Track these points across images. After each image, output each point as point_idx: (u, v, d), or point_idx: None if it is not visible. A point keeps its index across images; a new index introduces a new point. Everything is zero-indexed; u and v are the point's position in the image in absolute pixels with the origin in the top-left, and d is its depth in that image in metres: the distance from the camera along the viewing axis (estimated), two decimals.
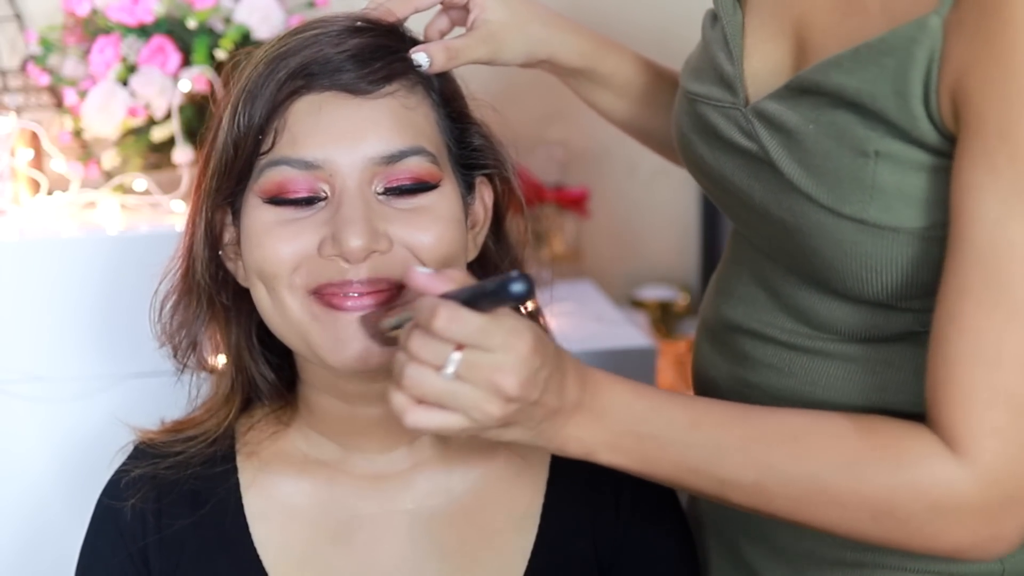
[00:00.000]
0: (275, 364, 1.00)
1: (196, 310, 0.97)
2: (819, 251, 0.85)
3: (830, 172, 0.83)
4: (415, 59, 0.94)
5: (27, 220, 1.42)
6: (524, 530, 0.97)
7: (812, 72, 0.84)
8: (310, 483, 0.98)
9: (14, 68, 1.56)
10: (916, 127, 0.79)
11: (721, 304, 1.00)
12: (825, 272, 0.86)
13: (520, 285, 0.72)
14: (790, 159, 0.85)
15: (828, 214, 0.83)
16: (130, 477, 0.98)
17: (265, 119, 0.90)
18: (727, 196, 0.94)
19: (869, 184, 0.81)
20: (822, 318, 0.90)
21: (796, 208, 0.85)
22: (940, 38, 0.77)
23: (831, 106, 0.83)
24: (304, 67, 0.90)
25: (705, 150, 0.95)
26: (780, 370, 0.93)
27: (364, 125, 0.90)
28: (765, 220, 0.90)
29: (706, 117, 0.94)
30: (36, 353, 1.34)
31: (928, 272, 0.81)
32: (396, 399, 0.77)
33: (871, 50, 0.80)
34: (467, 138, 0.97)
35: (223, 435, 1.00)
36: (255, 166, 0.91)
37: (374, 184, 0.90)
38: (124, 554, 0.97)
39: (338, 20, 0.93)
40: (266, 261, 0.89)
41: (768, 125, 0.87)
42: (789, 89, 0.86)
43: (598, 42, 1.10)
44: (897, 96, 0.79)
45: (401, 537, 0.96)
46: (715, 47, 0.95)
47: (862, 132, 0.81)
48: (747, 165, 0.90)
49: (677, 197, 1.99)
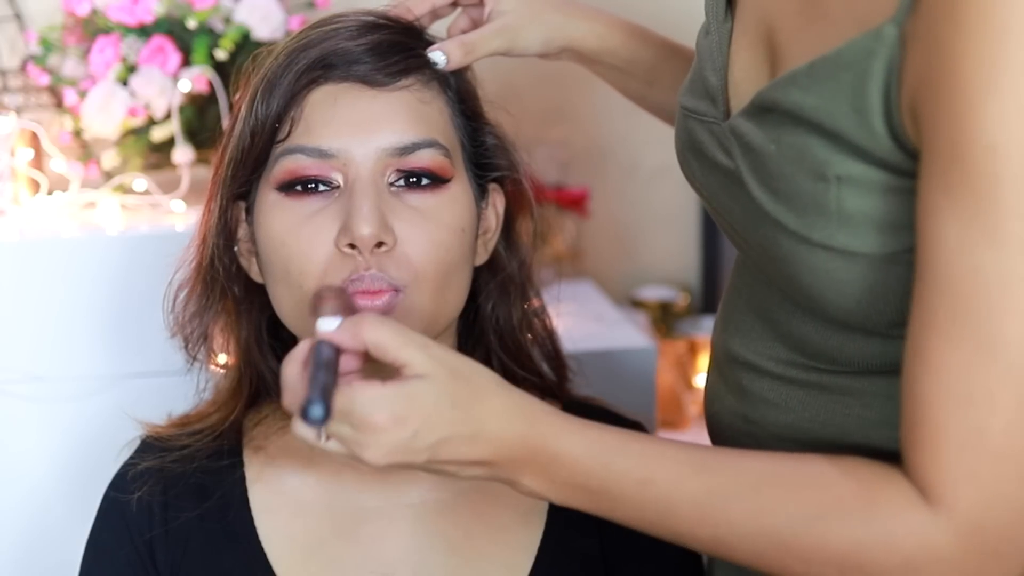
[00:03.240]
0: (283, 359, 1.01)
1: (208, 301, 0.98)
2: (796, 278, 0.80)
3: (794, 196, 0.77)
4: (432, 58, 0.95)
5: (27, 220, 1.41)
6: (530, 525, 0.97)
7: (771, 89, 0.79)
8: (316, 477, 0.98)
9: (14, 68, 1.56)
10: (878, 146, 0.73)
11: (721, 333, 0.96)
12: (807, 301, 0.81)
13: (315, 410, 0.71)
14: (757, 182, 0.80)
15: (798, 240, 0.77)
16: (137, 470, 0.99)
17: (282, 108, 0.92)
18: (719, 217, 0.90)
19: (834, 210, 0.75)
20: (816, 347, 0.84)
21: (769, 233, 0.80)
22: (898, 48, 0.71)
23: (792, 125, 0.77)
24: (322, 58, 0.92)
25: (696, 168, 0.90)
26: (777, 405, 0.87)
27: (379, 116, 0.91)
28: (749, 245, 0.86)
29: (694, 132, 0.90)
30: (36, 353, 1.33)
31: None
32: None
33: (827, 64, 0.75)
34: (480, 137, 0.98)
35: (230, 429, 1.00)
36: (271, 155, 0.92)
37: (387, 175, 0.91)
38: (130, 546, 0.97)
39: (357, 16, 0.95)
40: (292, 262, 0.90)
41: (740, 143, 0.82)
42: (754, 106, 0.81)
43: (618, 26, 1.08)
44: (856, 113, 0.73)
45: (406, 531, 0.96)
46: (704, 58, 0.91)
47: (822, 155, 0.75)
48: (729, 185, 0.85)
49: (677, 197, 1.99)
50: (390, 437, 0.75)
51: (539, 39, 1.04)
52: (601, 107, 1.91)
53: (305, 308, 0.90)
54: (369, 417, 0.74)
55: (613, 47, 1.08)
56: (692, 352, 1.82)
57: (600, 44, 1.07)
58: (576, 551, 0.97)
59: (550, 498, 0.80)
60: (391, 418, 0.74)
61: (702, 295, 2.02)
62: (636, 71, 1.09)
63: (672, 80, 1.09)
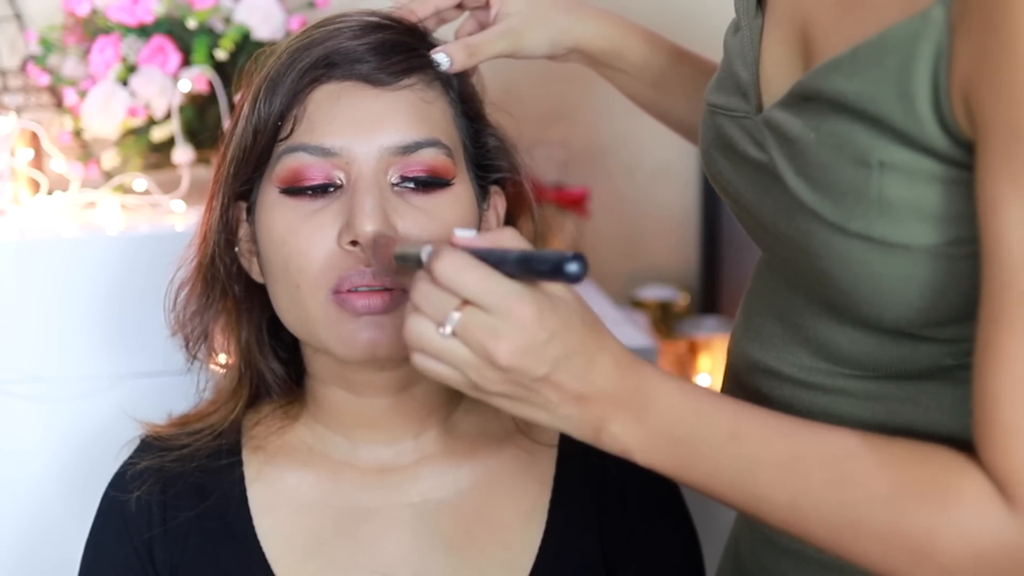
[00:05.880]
0: (284, 359, 1.01)
1: (209, 299, 0.98)
2: (829, 272, 0.78)
3: (832, 185, 0.76)
4: (436, 59, 0.95)
5: (27, 220, 1.41)
6: (531, 525, 0.97)
7: (811, 77, 0.78)
8: (315, 476, 0.98)
9: (14, 68, 1.56)
10: (924, 133, 0.71)
11: (739, 340, 0.94)
12: (839, 297, 0.79)
13: (575, 266, 0.68)
14: (794, 171, 0.79)
15: (834, 231, 0.76)
16: (136, 470, 0.99)
17: (285, 106, 0.92)
18: (745, 215, 0.89)
19: (874, 198, 0.73)
20: (843, 351, 0.83)
21: (803, 226, 0.79)
22: (946, 31, 0.69)
23: (832, 113, 0.76)
24: (325, 57, 0.92)
25: (725, 165, 0.89)
26: (799, 412, 0.84)
27: (382, 115, 0.91)
28: (777, 240, 0.84)
29: (723, 129, 0.89)
30: (36, 353, 1.33)
31: (952, 295, 0.74)
32: (407, 335, 0.75)
33: (871, 49, 0.73)
34: (482, 139, 0.98)
35: (229, 429, 1.00)
36: (273, 153, 0.93)
37: (389, 174, 0.91)
38: (129, 546, 0.97)
39: (361, 16, 0.95)
40: (291, 260, 0.90)
41: (775, 135, 0.81)
42: (792, 96, 0.80)
43: (627, 28, 1.07)
44: (902, 99, 0.71)
45: (406, 530, 0.96)
46: (734, 55, 0.90)
47: (864, 140, 0.74)
48: (760, 179, 0.84)
49: (677, 197, 1.99)
50: (528, 333, 0.72)
51: (546, 41, 1.04)
52: (601, 107, 1.91)
53: (302, 308, 0.90)
54: (517, 307, 0.72)
55: (621, 50, 1.07)
56: (692, 352, 1.82)
57: (608, 46, 1.07)
58: (577, 551, 0.97)
59: (633, 449, 0.77)
60: (536, 313, 0.72)
61: (702, 295, 2.02)
62: (644, 75, 1.09)
63: (680, 86, 1.09)
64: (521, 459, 0.99)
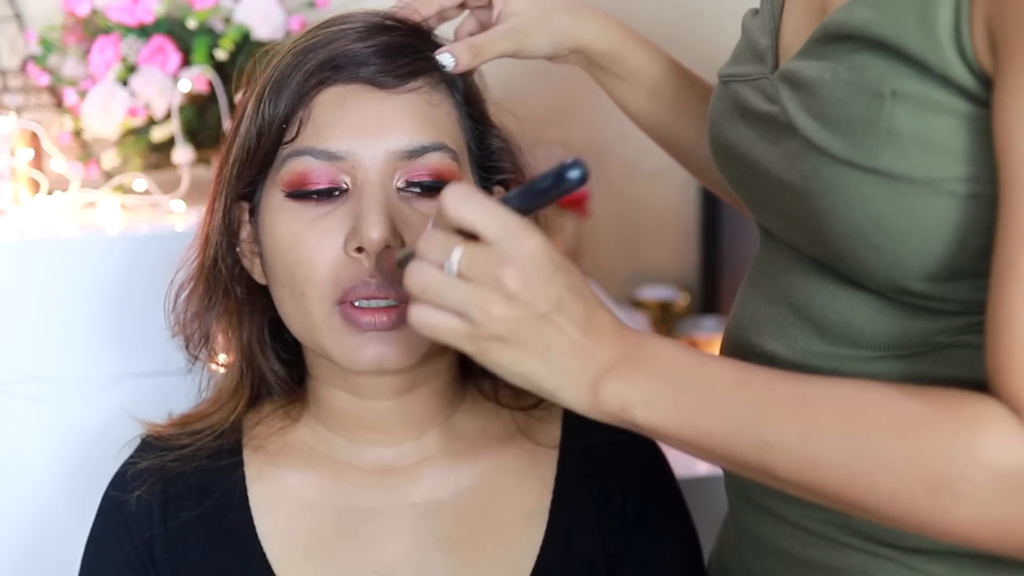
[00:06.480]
0: (285, 360, 1.01)
1: (210, 300, 0.98)
2: (831, 216, 0.78)
3: (843, 120, 0.76)
4: (440, 60, 0.95)
5: (27, 220, 1.41)
6: (532, 526, 0.97)
7: (836, 13, 0.79)
8: (316, 476, 0.98)
9: (14, 68, 1.56)
10: (942, 59, 0.71)
11: (734, 328, 0.94)
12: (838, 244, 0.79)
13: (576, 171, 0.68)
14: (806, 114, 0.79)
15: (839, 166, 0.76)
16: (136, 469, 0.99)
17: (290, 109, 0.91)
18: (750, 176, 0.89)
19: (883, 127, 0.73)
20: (840, 327, 0.82)
21: (808, 167, 0.79)
22: None
23: (851, 49, 0.76)
24: (331, 59, 0.91)
25: (731, 131, 0.90)
26: None
27: (388, 119, 0.91)
28: (780, 191, 0.84)
29: (736, 94, 0.90)
30: (36, 353, 1.33)
31: (951, 241, 0.74)
32: (407, 282, 0.75)
33: None
34: (487, 140, 0.98)
35: (230, 429, 1.00)
36: (277, 156, 0.92)
37: (395, 178, 0.91)
38: (129, 546, 0.97)
39: (365, 16, 0.95)
40: (298, 267, 0.90)
41: (790, 84, 0.82)
42: (812, 42, 0.81)
43: (628, 34, 1.08)
44: (923, 25, 0.72)
45: (407, 531, 0.96)
46: (754, 29, 0.92)
47: (879, 71, 0.74)
48: (768, 132, 0.84)
49: (677, 197, 1.99)
50: (536, 263, 0.72)
51: (548, 41, 1.04)
52: (601, 107, 1.90)
53: (307, 316, 0.90)
54: (524, 237, 0.72)
55: (621, 54, 1.08)
56: None
57: (609, 48, 1.07)
58: (578, 552, 0.97)
59: (634, 403, 0.75)
60: (543, 246, 0.72)
61: (702, 295, 2.02)
62: (640, 83, 1.09)
63: (673, 98, 1.09)
64: (522, 460, 0.99)
